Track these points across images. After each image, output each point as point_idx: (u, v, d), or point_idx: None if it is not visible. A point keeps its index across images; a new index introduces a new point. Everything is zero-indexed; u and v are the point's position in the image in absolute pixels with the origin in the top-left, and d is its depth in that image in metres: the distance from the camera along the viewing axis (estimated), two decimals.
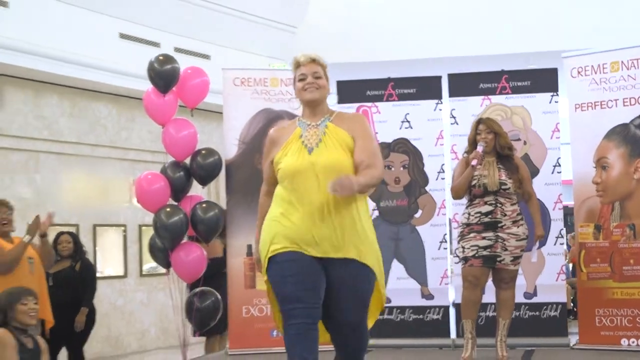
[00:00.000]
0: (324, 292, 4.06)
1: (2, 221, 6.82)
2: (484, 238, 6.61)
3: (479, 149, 6.64)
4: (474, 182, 6.68)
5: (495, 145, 6.71)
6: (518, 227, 6.63)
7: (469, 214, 6.76)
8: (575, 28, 12.65)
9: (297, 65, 4.25)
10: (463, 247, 6.74)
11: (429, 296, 7.85)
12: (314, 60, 4.23)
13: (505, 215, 6.63)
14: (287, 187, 4.09)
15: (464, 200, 6.98)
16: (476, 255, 6.62)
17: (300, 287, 3.99)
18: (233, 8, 13.03)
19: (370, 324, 4.34)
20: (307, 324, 3.97)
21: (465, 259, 6.71)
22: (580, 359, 7.21)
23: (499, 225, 6.61)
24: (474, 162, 6.61)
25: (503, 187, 6.61)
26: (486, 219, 6.65)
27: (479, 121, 6.92)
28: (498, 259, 6.57)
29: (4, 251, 6.44)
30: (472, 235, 6.70)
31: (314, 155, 4.07)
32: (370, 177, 4.06)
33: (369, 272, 4.06)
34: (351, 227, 4.01)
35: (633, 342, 7.26)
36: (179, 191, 7.93)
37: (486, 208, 6.66)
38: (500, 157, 6.71)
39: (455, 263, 7.35)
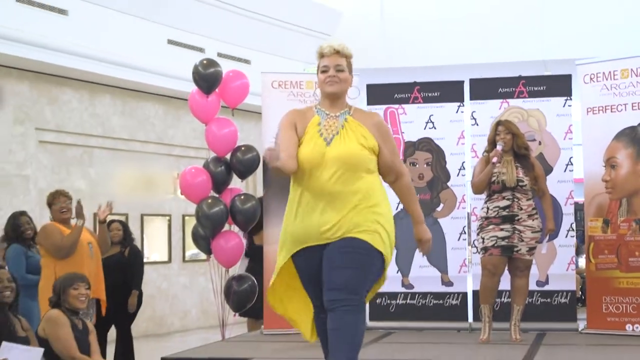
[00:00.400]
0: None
1: (61, 210, 7.24)
2: (502, 230, 6.99)
3: (499, 148, 7.00)
4: (493, 179, 7.05)
5: (513, 146, 7.08)
6: (533, 220, 7.01)
7: (488, 208, 7.14)
8: (588, 37, 12.83)
9: (321, 55, 4.14)
10: (483, 238, 7.12)
11: (449, 283, 8.17)
12: (337, 52, 4.11)
13: (522, 209, 7.01)
14: (303, 177, 4.01)
15: (483, 196, 7.29)
16: (495, 245, 7.00)
17: (317, 286, 3.98)
18: (272, 17, 13.33)
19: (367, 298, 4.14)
20: (323, 319, 3.98)
21: (484, 249, 7.09)
22: (588, 342, 7.39)
23: (516, 218, 6.98)
24: (494, 160, 6.96)
25: (520, 183, 7.00)
26: (504, 213, 7.01)
27: (498, 123, 7.30)
28: (515, 249, 6.97)
29: (64, 236, 6.93)
30: (490, 227, 7.06)
31: (330, 147, 3.99)
32: (415, 195, 4.22)
33: (371, 248, 3.91)
34: (364, 214, 3.89)
35: (637, 327, 7.50)
36: (219, 184, 8.24)
37: (504, 203, 7.05)
38: (517, 156, 7.09)
39: (474, 253, 7.67)
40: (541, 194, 7.26)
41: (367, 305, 7.90)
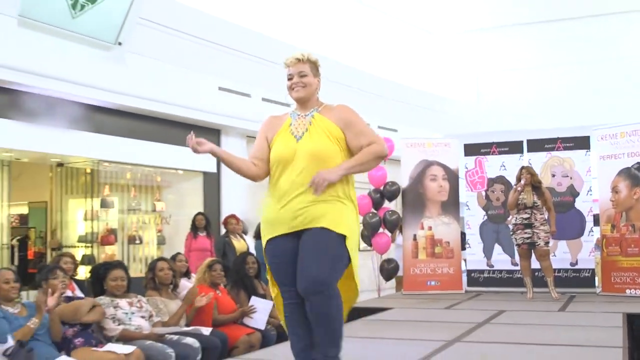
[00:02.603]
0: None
1: None
2: (525, 232, 8.60)
3: (522, 182, 8.60)
4: (519, 201, 8.67)
5: (531, 181, 8.65)
6: (544, 226, 8.62)
7: (516, 218, 8.73)
8: (599, 111, 14.87)
9: (286, 66, 3.88)
10: (515, 238, 8.73)
11: (515, 264, 9.78)
12: (299, 60, 3.83)
13: (537, 219, 8.61)
14: (275, 172, 3.75)
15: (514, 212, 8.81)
16: (523, 242, 8.67)
17: (281, 272, 3.74)
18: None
19: (345, 311, 3.83)
20: (293, 304, 3.73)
21: (518, 245, 8.75)
22: (602, 300, 8.70)
23: (533, 225, 8.60)
24: (519, 188, 8.57)
25: (535, 204, 8.61)
26: (526, 222, 8.62)
27: (522, 167, 8.90)
28: (535, 243, 8.59)
29: None
30: (519, 231, 8.63)
31: (299, 143, 3.72)
32: (364, 155, 3.72)
33: (340, 238, 3.64)
34: (330, 206, 3.61)
35: (633, 291, 9.01)
36: (377, 204, 10.41)
37: (526, 215, 8.64)
38: (534, 187, 8.66)
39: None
40: (548, 210, 8.71)
41: (465, 275, 9.85)
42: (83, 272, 9.62)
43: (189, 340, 6.12)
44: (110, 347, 5.64)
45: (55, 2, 9.49)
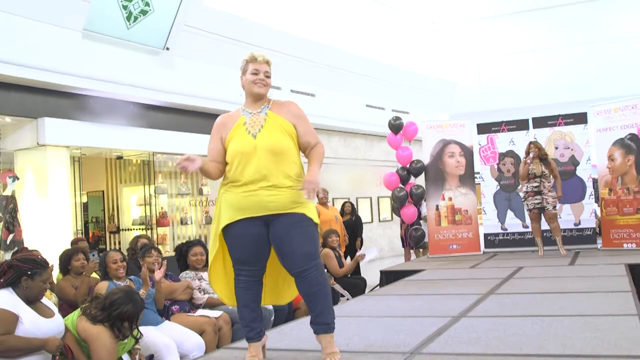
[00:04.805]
0: (276, 245, 3.62)
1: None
2: (535, 198, 8.91)
3: (531, 155, 8.89)
4: (529, 172, 8.92)
5: (539, 154, 8.96)
6: (552, 192, 8.90)
7: (527, 187, 8.98)
8: (597, 87, 14.94)
9: (253, 59, 3.72)
10: (527, 204, 9.02)
11: (526, 227, 10.22)
12: (267, 62, 3.73)
13: (545, 187, 8.89)
14: (234, 166, 3.60)
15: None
16: (534, 207, 8.97)
17: (244, 252, 3.61)
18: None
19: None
20: (251, 281, 3.66)
21: (529, 210, 9.03)
22: (604, 254, 9.08)
23: (542, 191, 8.89)
24: (528, 160, 8.87)
25: (543, 173, 8.88)
26: (535, 189, 8.90)
27: (530, 142, 9.19)
28: (545, 208, 8.88)
29: None
30: (530, 198, 8.93)
31: (257, 139, 3.59)
32: (321, 156, 3.67)
33: (311, 220, 3.61)
34: (295, 193, 3.56)
35: (629, 245, 9.45)
36: (404, 180, 10.77)
37: (535, 184, 8.92)
38: (541, 159, 8.95)
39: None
40: (555, 178, 8.95)
41: (483, 237, 10.24)
42: None
43: None
44: (202, 312, 6.04)
45: (113, 16, 10.09)
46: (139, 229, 12.58)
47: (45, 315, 4.15)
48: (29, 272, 4.07)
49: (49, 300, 4.39)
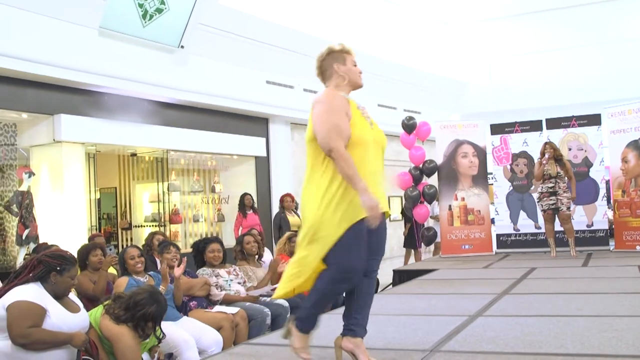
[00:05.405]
0: (374, 240, 3.42)
1: None
2: (550, 199, 8.93)
3: (546, 156, 8.93)
4: (544, 172, 8.97)
5: (554, 155, 9.00)
6: (566, 193, 8.93)
7: (542, 188, 9.05)
8: (608, 88, 15.02)
9: (349, 51, 3.55)
10: (541, 205, 9.06)
11: (538, 227, 10.30)
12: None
13: (560, 188, 8.91)
14: (363, 152, 3.32)
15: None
16: (548, 208, 9.01)
17: (368, 246, 3.39)
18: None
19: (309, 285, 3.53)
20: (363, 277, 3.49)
21: (544, 210, 9.08)
22: (616, 256, 9.17)
23: (557, 192, 8.93)
24: (544, 161, 8.90)
25: (558, 174, 8.91)
26: (550, 190, 8.94)
27: (546, 142, 9.24)
28: (559, 208, 8.94)
29: None
30: (544, 198, 8.96)
31: (372, 130, 3.42)
32: None
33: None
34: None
35: None
36: (416, 180, 10.74)
37: (550, 184, 8.97)
38: (556, 159, 8.97)
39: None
40: (570, 178, 9.00)
41: (495, 237, 10.32)
42: None
43: (279, 300, 6.62)
44: (219, 308, 6.11)
45: (129, 14, 10.19)
46: (151, 225, 12.64)
47: (72, 310, 4.24)
48: (58, 268, 4.15)
49: (74, 296, 4.48)
